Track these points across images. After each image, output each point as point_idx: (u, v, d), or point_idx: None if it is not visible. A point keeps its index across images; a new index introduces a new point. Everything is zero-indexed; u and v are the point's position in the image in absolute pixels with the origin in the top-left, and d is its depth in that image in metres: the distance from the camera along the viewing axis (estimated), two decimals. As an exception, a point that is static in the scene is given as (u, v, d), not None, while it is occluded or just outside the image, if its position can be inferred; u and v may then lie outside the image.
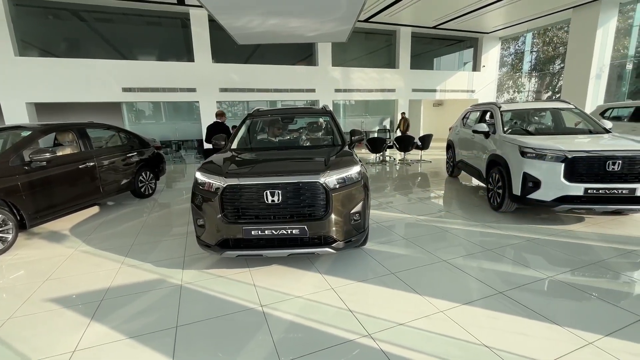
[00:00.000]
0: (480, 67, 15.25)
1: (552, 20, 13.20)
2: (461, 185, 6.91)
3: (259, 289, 2.85)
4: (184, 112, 14.51)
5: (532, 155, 4.14)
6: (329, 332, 2.26)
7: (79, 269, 3.35)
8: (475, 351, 2.02)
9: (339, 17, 5.60)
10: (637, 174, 3.75)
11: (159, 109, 14.29)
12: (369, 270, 3.12)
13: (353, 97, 12.96)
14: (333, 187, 2.81)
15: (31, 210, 4.05)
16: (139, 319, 2.47)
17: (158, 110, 14.40)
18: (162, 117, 14.43)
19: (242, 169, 3.00)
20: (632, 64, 11.47)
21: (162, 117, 14.43)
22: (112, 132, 5.85)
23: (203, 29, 10.39)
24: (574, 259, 3.24)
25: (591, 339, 2.10)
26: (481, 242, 3.74)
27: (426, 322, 2.32)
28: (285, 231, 2.76)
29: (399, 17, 12.15)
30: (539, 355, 1.97)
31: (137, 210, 5.58)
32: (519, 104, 5.73)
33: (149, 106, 13.95)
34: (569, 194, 3.90)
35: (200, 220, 2.98)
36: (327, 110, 4.50)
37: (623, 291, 2.69)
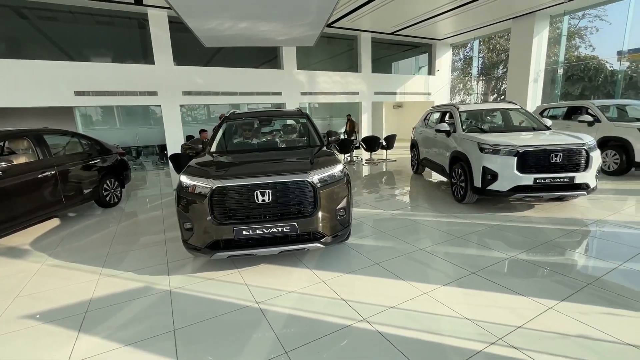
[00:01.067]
0: (434, 71, 16.30)
1: (495, 30, 14.52)
2: (426, 181, 7.40)
3: (251, 287, 2.91)
4: (143, 117, 13.80)
5: (489, 151, 4.61)
6: (326, 320, 2.39)
7: (52, 284, 3.15)
8: (460, 324, 2.28)
9: (308, 22, 5.78)
10: (575, 164, 4.36)
11: (117, 114, 13.44)
12: (355, 263, 3.31)
13: (318, 100, 13.20)
14: (320, 184, 2.96)
15: (-14, 225, 3.71)
16: (131, 326, 2.42)
17: (114, 115, 13.53)
18: (120, 122, 13.59)
19: (229, 170, 3.04)
20: (563, 70, 12.99)
21: (120, 123, 13.58)
22: (71, 138, 5.48)
23: (163, 30, 10.01)
24: (529, 240, 3.69)
25: (550, 305, 2.45)
26: (450, 231, 4.09)
27: (413, 304, 2.55)
28: (276, 229, 2.85)
29: (359, 23, 12.63)
30: (511, 322, 2.27)
31: (104, 220, 5.28)
32: (474, 105, 6.30)
33: (105, 111, 13.07)
34: (522, 184, 4.41)
35: (188, 224, 2.96)
36: (303, 113, 4.63)
37: (570, 264, 3.14)
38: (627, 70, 12.92)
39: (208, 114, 15.88)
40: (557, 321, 2.26)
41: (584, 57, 16.97)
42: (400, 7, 11.25)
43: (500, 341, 2.08)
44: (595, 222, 4.16)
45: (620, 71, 12.06)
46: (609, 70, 15.52)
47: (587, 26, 18.12)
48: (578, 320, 2.26)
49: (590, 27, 18.17)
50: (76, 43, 10.34)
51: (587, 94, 15.74)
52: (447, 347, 2.06)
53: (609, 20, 17.33)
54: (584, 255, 3.33)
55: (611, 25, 17.62)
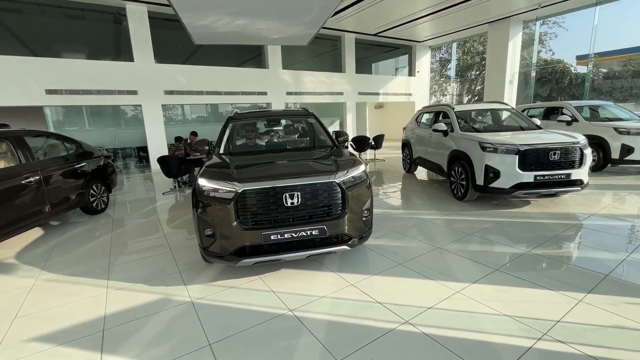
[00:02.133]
0: (415, 72, 16.70)
1: (472, 33, 15.11)
2: (419, 180, 7.53)
3: (279, 294, 2.79)
4: (113, 117, 13.05)
5: (491, 150, 4.75)
6: (369, 325, 2.34)
7: (53, 300, 2.86)
8: (501, 320, 2.30)
9: (306, 21, 5.69)
10: (571, 161, 4.59)
11: (86, 114, 12.60)
12: (378, 264, 3.27)
13: (304, 100, 13.10)
14: (348, 186, 2.90)
15: (-33, 238, 3.31)
16: (160, 343, 2.24)
17: (84, 116, 12.67)
18: (97, 122, 12.75)
19: (254, 172, 2.90)
20: (535, 72, 13.75)
21: (97, 123, 12.75)
22: (53, 140, 5.04)
23: (143, 26, 9.50)
24: (537, 235, 3.83)
25: (579, 298, 2.54)
26: (460, 229, 4.17)
27: (450, 303, 2.55)
28: (304, 233, 2.75)
29: (344, 23, 12.68)
30: (549, 316, 2.32)
31: (93, 228, 4.91)
32: (469, 105, 6.49)
33: (81, 110, 12.21)
34: (523, 181, 4.58)
35: (209, 230, 2.79)
36: (309, 112, 4.54)
37: (583, 257, 3.29)
38: (590, 74, 13.90)
39: (183, 114, 15.32)
40: (590, 313, 2.34)
41: (551, 61, 18.07)
42: (383, 9, 11.42)
43: (546, 336, 2.12)
44: (590, 216, 4.40)
45: (587, 74, 12.93)
46: (573, 74, 16.64)
47: (547, 32, 19.33)
48: (609, 311, 2.35)
49: (550, 33, 19.39)
50: (45, 38, 9.60)
51: (554, 95, 16.79)
52: (497, 345, 2.07)
53: (565, 27, 18.60)
54: (592, 247, 3.50)
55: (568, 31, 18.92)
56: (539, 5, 11.20)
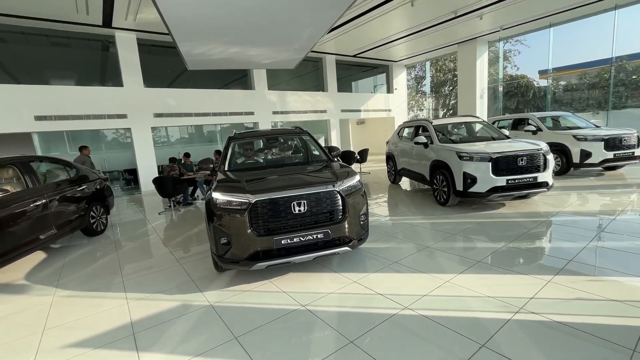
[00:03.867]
0: (393, 89, 17.65)
1: (444, 52, 16.27)
2: (403, 190, 8.04)
3: (290, 294, 3.09)
4: (111, 141, 13.09)
5: (467, 158, 5.30)
6: (374, 312, 2.68)
7: (77, 313, 3.04)
8: (486, 301, 2.70)
9: (296, 47, 6.21)
10: (537, 166, 5.19)
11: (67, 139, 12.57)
12: (374, 263, 3.64)
13: (290, 118, 13.60)
14: (347, 193, 3.29)
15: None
16: (190, 340, 2.49)
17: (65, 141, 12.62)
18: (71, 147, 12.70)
19: (263, 185, 3.24)
20: (502, 87, 14.91)
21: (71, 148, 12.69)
22: (56, 165, 5.20)
23: (132, 53, 9.80)
24: (512, 232, 4.32)
25: (547, 279, 2.99)
26: (445, 230, 4.62)
27: (442, 290, 2.94)
28: (311, 237, 3.10)
29: (325, 46, 13.44)
30: (524, 294, 2.75)
31: (96, 248, 5.03)
32: (445, 119, 7.11)
33: (70, 135, 12.18)
34: (497, 185, 5.13)
35: (224, 239, 3.09)
36: (303, 130, 4.96)
37: (551, 247, 3.79)
38: (551, 87, 15.21)
39: (167, 136, 15.48)
40: (557, 290, 2.79)
41: (515, 76, 19.55)
42: (362, 33, 12.23)
43: (522, 310, 2.53)
44: (557, 214, 4.96)
45: (548, 87, 14.15)
46: (536, 87, 18.06)
47: (511, 49, 20.98)
48: (572, 287, 2.81)
49: (513, 50, 21.04)
50: (33, 66, 9.70)
51: (521, 107, 18.08)
52: (484, 320, 2.46)
53: (527, 44, 20.27)
54: (558, 239, 4.01)
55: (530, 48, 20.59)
56: (500, 28, 12.36)
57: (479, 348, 2.15)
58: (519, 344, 2.16)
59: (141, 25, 9.30)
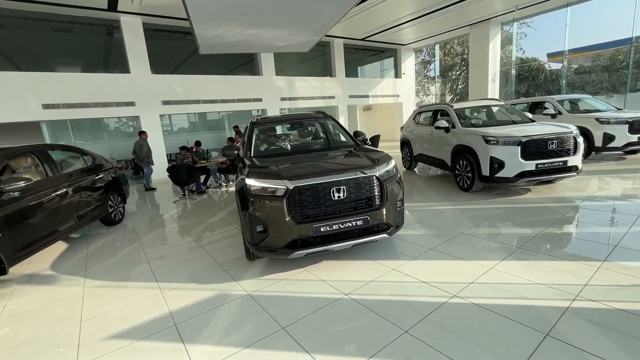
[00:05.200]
0: (401, 74, 17.28)
1: (454, 35, 15.84)
2: (419, 175, 7.90)
3: (329, 282, 3.00)
4: (118, 129, 12.93)
5: (494, 142, 5.14)
6: (422, 300, 2.59)
7: (112, 304, 2.96)
8: (536, 288, 2.61)
9: (313, 29, 5.96)
10: (567, 149, 5.03)
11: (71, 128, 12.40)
12: (410, 250, 3.54)
13: (298, 105, 13.35)
14: (384, 179, 3.16)
15: (9, 250, 3.35)
16: (236, 331, 2.41)
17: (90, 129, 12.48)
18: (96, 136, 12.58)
19: (300, 170, 3.11)
20: (515, 70, 14.57)
21: (96, 136, 12.58)
22: (73, 154, 5.07)
23: (138, 38, 9.52)
24: (544, 218, 4.20)
25: (597, 265, 2.88)
26: (474, 216, 4.51)
27: (488, 277, 2.84)
28: (350, 223, 2.99)
29: (332, 30, 13.00)
30: (576, 281, 2.65)
31: (117, 237, 4.95)
32: (467, 103, 6.91)
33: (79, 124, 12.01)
34: (526, 169, 4.98)
35: (260, 227, 2.98)
36: (327, 115, 4.79)
37: (591, 232, 3.67)
38: (563, 70, 14.84)
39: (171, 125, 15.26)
40: (609, 276, 2.69)
41: (527, 59, 19.10)
42: (371, 16, 11.86)
43: (579, 297, 2.44)
44: (587, 198, 4.84)
45: (562, 70, 13.80)
46: (547, 70, 17.66)
47: (518, 32, 20.43)
48: (625, 274, 2.70)
49: (519, 33, 20.50)
50: (38, 53, 9.45)
51: (532, 91, 17.74)
52: (541, 308, 2.36)
53: (534, 27, 19.72)
54: (595, 224, 3.89)
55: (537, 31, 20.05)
56: (516, 8, 11.94)
57: (543, 337, 2.06)
58: (584, 332, 2.07)
59: (147, 8, 8.99)
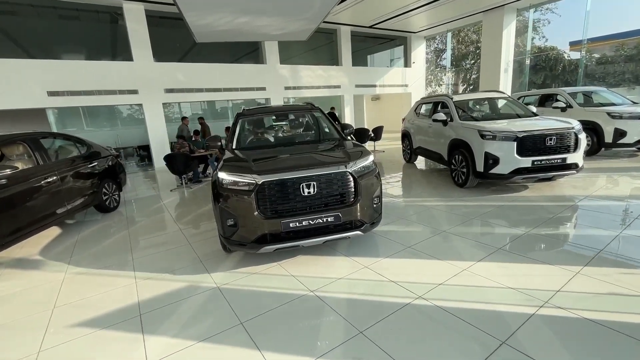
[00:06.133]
0: (410, 63, 16.81)
1: (467, 22, 15.22)
2: (419, 169, 7.74)
3: (299, 278, 2.99)
4: (120, 117, 13.15)
5: (490, 137, 4.95)
6: (386, 301, 2.55)
7: (87, 291, 3.04)
8: (506, 293, 2.52)
9: (308, 16, 5.82)
10: (566, 146, 4.80)
11: (95, 114, 12.71)
12: (387, 248, 3.48)
13: (302, 94, 13.20)
14: (359, 175, 3.09)
15: (1, 234, 3.47)
16: (196, 323, 2.43)
17: (81, 117, 12.75)
18: (98, 123, 12.87)
19: (271, 165, 3.07)
20: (529, 60, 13.94)
21: (98, 123, 12.86)
22: (66, 141, 5.17)
23: (140, 25, 9.53)
24: (536, 217, 4.05)
25: (576, 270, 2.76)
26: (463, 213, 4.39)
27: (459, 279, 2.76)
28: (321, 220, 2.95)
29: (339, 16, 12.73)
30: (549, 287, 2.54)
31: (109, 225, 5.08)
32: (467, 95, 6.67)
33: (82, 111, 12.29)
34: (521, 166, 4.79)
35: (230, 220, 2.97)
36: (315, 107, 4.70)
37: (579, 234, 3.52)
38: (584, 60, 14.10)
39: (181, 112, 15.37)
40: (587, 283, 2.57)
41: (544, 48, 18.24)
42: (377, 2, 11.49)
43: (547, 304, 2.34)
44: (585, 198, 4.63)
45: (580, 60, 13.12)
46: (566, 60, 16.83)
47: (540, 19, 19.44)
48: (604, 281, 2.58)
49: (542, 20, 19.51)
50: (42, 40, 9.59)
51: (548, 82, 16.98)
52: (505, 314, 2.29)
53: (558, 13, 18.72)
54: (587, 226, 3.72)
55: (561, 17, 19.04)
56: (532, -7, 11.33)
57: (499, 345, 2.00)
58: (543, 342, 1.99)
59: (149, -5, 8.96)
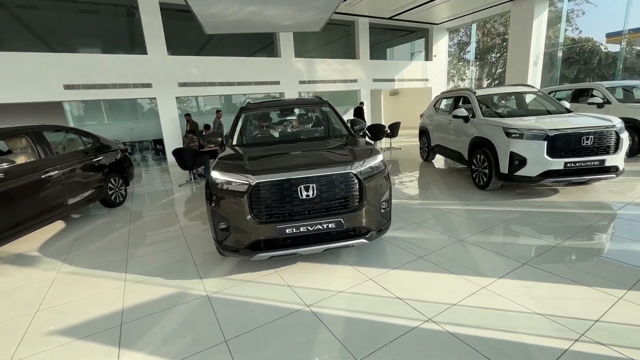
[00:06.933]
0: (432, 56, 16.09)
1: (493, 12, 14.35)
2: (437, 168, 7.28)
3: (295, 288, 2.72)
4: (130, 111, 13.29)
5: (516, 135, 4.48)
6: (390, 322, 2.23)
7: (75, 294, 2.90)
8: (533, 319, 2.15)
9: (319, 5, 5.46)
10: (606, 146, 4.26)
11: (111, 107, 12.91)
12: (397, 257, 3.15)
13: (317, 88, 12.87)
14: (365, 176, 2.76)
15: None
16: (176, 339, 2.21)
17: (107, 109, 12.98)
18: (113, 116, 13.08)
19: (267, 164, 2.80)
20: (562, 52, 12.98)
21: (113, 117, 13.07)
22: (71, 135, 5.11)
23: (154, 18, 9.47)
24: (568, 226, 3.59)
25: (619, 295, 2.34)
26: (483, 219, 3.97)
27: (476, 299, 2.41)
28: (321, 226, 2.65)
29: (357, 7, 12.26)
30: (586, 315, 2.15)
31: (112, 220, 4.99)
32: (492, 89, 6.15)
33: (99, 105, 12.50)
34: (552, 168, 4.30)
35: (223, 224, 2.73)
36: (324, 100, 4.39)
37: (620, 249, 3.05)
38: (623, 52, 12.99)
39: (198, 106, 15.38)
40: (632, 312, 2.15)
41: (578, 40, 17.02)
42: (399, -10, 10.97)
43: (584, 337, 1.96)
44: (625, 205, 4.10)
45: (620, 52, 12.08)
46: (603, 53, 15.62)
47: (574, 9, 18.14)
48: (654, 310, 2.16)
49: (577, 10, 18.20)
50: (61, 33, 9.72)
51: (582, 76, 15.85)
52: (530, 346, 1.92)
53: (595, 3, 17.39)
54: (629, 240, 3.24)
55: (597, 7, 17.69)
56: (567, -21, 10.44)
57: (523, 389, 1.65)
58: (580, 389, 1.63)
59: (163, -13, 8.86)
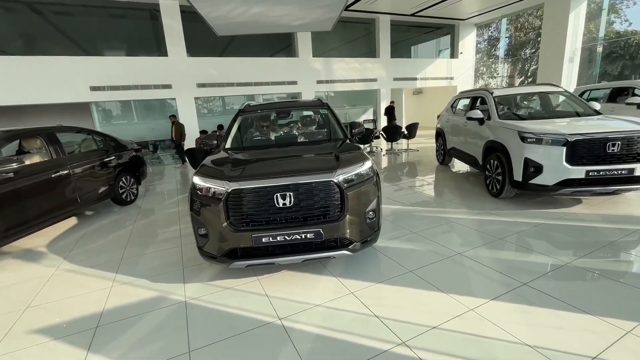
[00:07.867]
0: (458, 54, 15.40)
1: (526, 6, 13.46)
2: (452, 172, 6.92)
3: (272, 299, 2.64)
4: (160, 111, 13.81)
5: (532, 140, 4.11)
6: (360, 343, 2.09)
7: (64, 292, 2.99)
8: (520, 351, 1.92)
9: (326, 4, 5.34)
10: (635, 154, 3.81)
11: (132, 107, 13.51)
12: (386, 270, 2.98)
13: (335, 88, 12.72)
14: (347, 185, 2.62)
15: (0, 228, 3.59)
16: (144, 346, 2.20)
17: (130, 110, 13.60)
18: (136, 116, 13.68)
19: (245, 170, 2.74)
20: (602, 47, 11.93)
21: (135, 117, 13.67)
22: (84, 136, 5.34)
23: (175, 21, 9.76)
24: (585, 242, 3.24)
25: (628, 328, 2.05)
26: (490, 231, 3.68)
27: (459, 323, 2.20)
28: (299, 236, 2.55)
29: (377, 5, 11.96)
30: (584, 350, 1.89)
31: (120, 219, 5.16)
32: (510, 89, 5.72)
33: (122, 105, 13.14)
34: (571, 177, 3.91)
35: (202, 230, 2.70)
36: (323, 103, 4.27)
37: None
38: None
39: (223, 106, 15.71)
40: (638, 348, 1.87)
41: (624, 33, 15.58)
42: (421, -14, 10.55)
43: (575, 378, 1.72)
44: (659, 220, 3.64)
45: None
46: (653, 46, 14.19)
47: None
48: (668, 349, 1.86)
49: (626, 1, 16.64)
50: (91, 37, 10.28)
51: (627, 73, 14.49)
52: (509, 384, 1.71)
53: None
54: (654, 261, 2.86)
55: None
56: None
57: None
58: None
59: (183, -9, 9.09)
